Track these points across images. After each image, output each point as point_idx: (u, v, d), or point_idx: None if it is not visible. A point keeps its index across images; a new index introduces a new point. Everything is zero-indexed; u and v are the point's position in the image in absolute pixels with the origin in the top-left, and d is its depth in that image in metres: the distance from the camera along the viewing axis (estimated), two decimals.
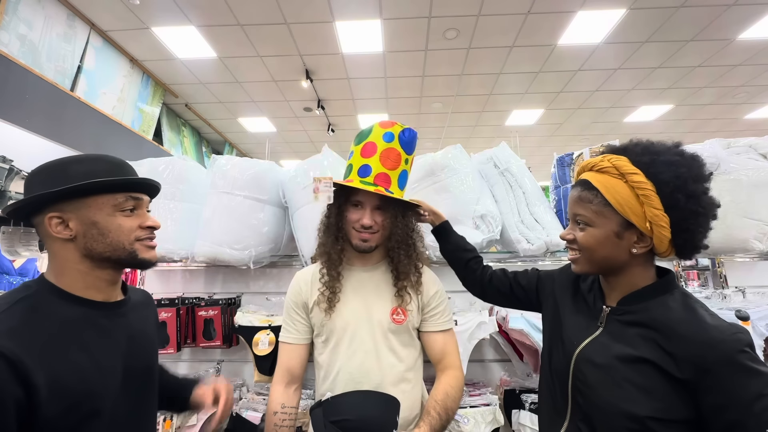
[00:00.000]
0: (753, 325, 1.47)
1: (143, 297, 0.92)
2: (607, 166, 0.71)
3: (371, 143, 1.01)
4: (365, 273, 1.10)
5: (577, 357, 0.75)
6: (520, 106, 5.95)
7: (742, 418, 0.60)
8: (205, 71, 4.86)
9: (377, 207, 1.03)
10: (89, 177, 0.70)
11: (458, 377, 1.04)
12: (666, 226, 0.68)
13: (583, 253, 0.75)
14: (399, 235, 1.04)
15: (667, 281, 0.74)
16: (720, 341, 0.62)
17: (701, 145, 1.64)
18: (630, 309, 0.73)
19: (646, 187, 0.67)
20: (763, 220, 1.51)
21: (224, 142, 7.16)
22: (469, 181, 1.60)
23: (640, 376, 0.67)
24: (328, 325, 1.04)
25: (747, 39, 4.27)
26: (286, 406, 1.03)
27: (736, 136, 2.07)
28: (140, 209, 0.78)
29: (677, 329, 0.66)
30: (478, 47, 4.40)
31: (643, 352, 0.67)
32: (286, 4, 3.67)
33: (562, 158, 1.83)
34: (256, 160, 1.74)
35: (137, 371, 0.79)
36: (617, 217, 0.70)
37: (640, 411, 0.65)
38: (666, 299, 0.71)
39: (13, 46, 3.21)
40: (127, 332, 0.78)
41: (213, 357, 1.79)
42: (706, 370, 0.62)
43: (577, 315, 0.81)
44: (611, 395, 0.68)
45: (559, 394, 0.78)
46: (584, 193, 0.73)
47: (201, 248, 1.58)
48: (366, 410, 0.90)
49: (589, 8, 3.78)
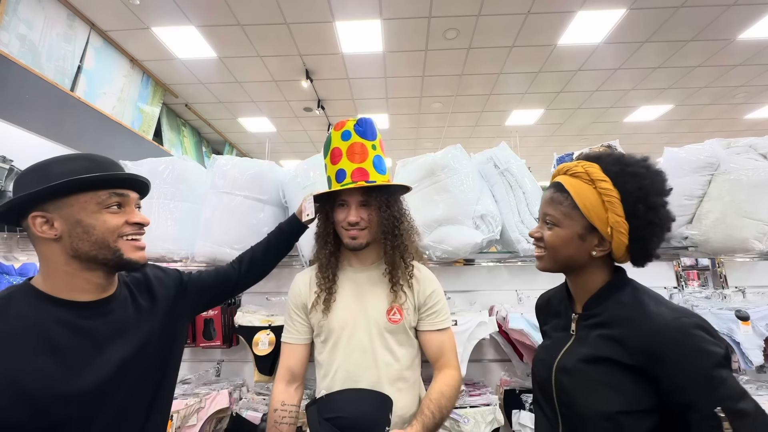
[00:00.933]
0: (753, 325, 1.48)
1: (141, 275, 0.88)
2: (580, 171, 0.77)
3: (335, 149, 1.04)
4: (361, 273, 1.11)
5: (556, 368, 0.79)
6: (520, 106, 5.95)
7: (694, 398, 0.63)
8: (205, 71, 4.86)
9: (362, 203, 1.04)
10: (69, 176, 0.70)
11: (455, 377, 1.04)
12: (625, 233, 0.73)
13: (548, 252, 0.80)
14: (385, 225, 1.04)
15: (618, 279, 0.79)
16: (663, 327, 0.66)
17: (701, 145, 1.64)
18: (593, 313, 0.78)
19: (612, 195, 0.72)
20: (763, 220, 1.51)
21: (224, 142, 7.16)
22: (469, 181, 1.60)
23: (603, 375, 0.71)
24: (326, 326, 1.06)
25: (747, 39, 4.27)
26: (287, 403, 1.05)
27: (735, 136, 2.07)
28: (127, 206, 0.76)
29: (627, 323, 0.71)
30: (478, 47, 4.40)
31: (603, 352, 0.72)
32: (286, 4, 3.67)
33: (562, 158, 1.83)
34: (256, 160, 1.74)
35: (136, 362, 0.76)
36: (583, 220, 0.75)
37: (610, 408, 0.68)
38: (619, 296, 0.76)
39: (13, 46, 3.21)
40: (116, 327, 0.75)
41: (213, 357, 1.79)
42: (656, 357, 0.66)
43: (557, 331, 0.86)
44: (584, 398, 0.72)
45: (548, 408, 0.81)
46: (556, 195, 0.79)
47: (201, 248, 1.59)
48: (359, 408, 0.91)
49: (588, 8, 3.78)
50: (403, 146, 7.39)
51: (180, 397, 1.41)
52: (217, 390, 1.51)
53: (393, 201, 1.06)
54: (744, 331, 1.47)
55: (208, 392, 1.48)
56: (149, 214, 1.64)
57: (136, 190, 0.79)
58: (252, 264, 1.11)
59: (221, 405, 1.48)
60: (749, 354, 1.45)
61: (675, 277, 1.77)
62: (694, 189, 1.60)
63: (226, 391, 1.51)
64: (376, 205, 1.04)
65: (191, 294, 0.95)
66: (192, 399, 1.40)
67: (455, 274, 1.79)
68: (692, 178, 1.60)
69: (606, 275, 0.79)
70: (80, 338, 0.70)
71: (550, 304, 0.93)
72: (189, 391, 1.49)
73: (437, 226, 1.56)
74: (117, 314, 0.77)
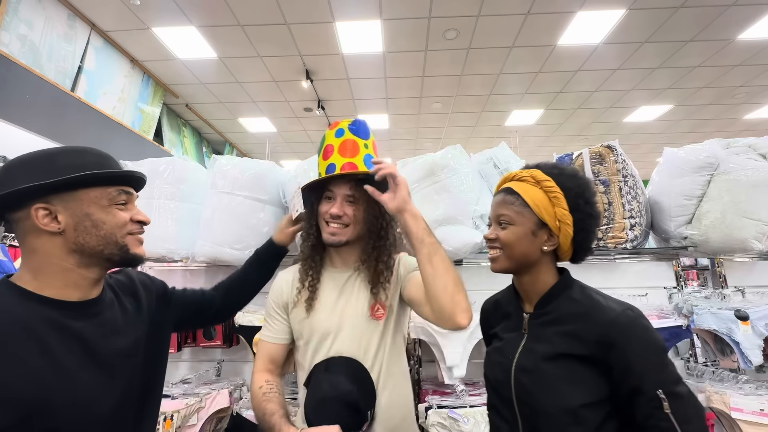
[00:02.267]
0: (752, 324, 1.48)
1: (126, 280, 0.85)
2: (526, 175, 0.86)
3: (328, 146, 1.03)
4: (343, 274, 1.06)
5: (515, 369, 0.81)
6: (519, 106, 5.95)
7: (640, 382, 0.70)
8: (206, 71, 4.86)
9: (348, 198, 1.01)
10: (80, 169, 0.68)
11: None
12: (570, 225, 0.81)
13: (504, 251, 0.85)
14: (370, 222, 1.01)
15: (567, 278, 0.86)
16: (616, 318, 0.74)
17: (701, 145, 1.64)
18: (545, 311, 0.83)
19: (557, 191, 0.82)
20: (763, 220, 1.51)
21: (224, 143, 7.16)
22: (468, 181, 1.60)
23: (563, 371, 0.75)
24: (308, 327, 1.02)
25: (746, 39, 4.27)
26: (271, 381, 1.01)
27: (735, 136, 2.08)
28: (130, 203, 0.77)
29: (582, 318, 0.77)
30: (478, 47, 4.40)
31: (561, 348, 0.76)
32: (286, 5, 3.67)
33: (562, 158, 1.83)
34: (257, 161, 1.74)
35: (126, 367, 0.73)
36: (534, 216, 0.82)
37: (573, 402, 0.73)
38: (569, 294, 0.83)
39: (14, 47, 3.22)
40: (106, 329, 0.72)
41: (213, 357, 1.79)
42: (611, 346, 0.72)
43: (508, 332, 0.89)
44: (547, 396, 0.75)
45: (506, 410, 0.83)
46: (507, 197, 0.86)
47: (201, 248, 1.59)
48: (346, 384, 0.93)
49: (588, 8, 3.78)
50: (403, 146, 7.40)
51: (180, 397, 1.41)
52: (217, 390, 1.51)
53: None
54: (743, 331, 1.48)
55: (209, 392, 1.48)
56: (150, 213, 1.63)
57: (136, 188, 0.80)
58: (228, 294, 1.07)
59: (221, 404, 1.48)
60: (748, 354, 1.45)
61: (674, 277, 1.77)
62: (694, 189, 1.60)
63: (226, 390, 1.51)
64: (364, 202, 1.00)
65: (174, 306, 0.93)
66: (192, 398, 1.41)
67: None
68: (692, 178, 1.61)
69: (554, 275, 0.86)
70: (72, 341, 0.66)
71: (498, 306, 0.96)
72: (189, 391, 1.49)
73: (437, 226, 1.56)
74: (106, 316, 0.74)
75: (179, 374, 1.78)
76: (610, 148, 1.70)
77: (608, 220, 1.65)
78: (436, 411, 1.40)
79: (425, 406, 1.43)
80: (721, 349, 1.62)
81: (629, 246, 1.63)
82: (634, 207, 1.63)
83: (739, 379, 1.48)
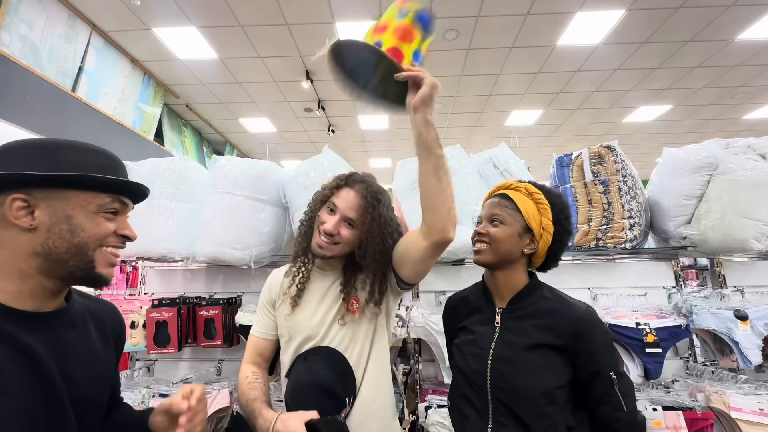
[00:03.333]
0: (752, 324, 1.48)
1: (97, 308, 0.77)
2: (520, 186, 0.99)
3: (384, 23, 0.90)
4: (330, 278, 1.06)
5: (492, 359, 0.90)
6: (519, 106, 5.95)
7: (598, 366, 0.86)
8: (206, 72, 4.86)
9: (348, 221, 0.98)
10: (81, 168, 0.62)
11: None
12: (551, 234, 0.94)
13: (492, 245, 0.95)
14: (365, 244, 0.98)
15: (537, 281, 0.99)
16: (583, 314, 0.89)
17: (700, 146, 1.64)
18: (518, 306, 0.94)
19: (545, 203, 0.95)
20: (762, 220, 1.51)
21: (225, 143, 7.17)
22: (468, 181, 1.61)
23: (541, 358, 0.87)
24: (290, 325, 1.03)
25: (746, 39, 4.28)
26: (256, 372, 1.04)
27: (734, 136, 2.08)
28: (122, 215, 0.70)
29: (555, 313, 0.90)
30: (477, 48, 4.40)
31: (539, 339, 0.88)
32: (286, 5, 3.68)
33: (561, 158, 1.84)
34: (257, 161, 1.74)
35: (76, 402, 0.63)
36: (522, 221, 0.95)
37: (549, 385, 0.86)
38: (541, 293, 0.96)
39: (15, 47, 3.22)
40: (58, 351, 0.63)
41: (214, 356, 1.79)
42: (579, 336, 0.87)
43: (479, 325, 0.98)
44: (527, 381, 0.86)
45: (477, 398, 0.91)
46: (503, 200, 0.98)
47: (202, 248, 1.59)
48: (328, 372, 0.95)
49: (588, 9, 3.79)
50: (403, 146, 7.40)
51: None
52: (217, 389, 1.51)
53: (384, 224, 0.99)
54: (743, 331, 1.48)
55: (209, 391, 1.49)
56: (150, 214, 1.65)
57: (136, 200, 0.73)
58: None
59: (222, 404, 1.48)
60: (748, 353, 1.45)
61: (674, 277, 1.78)
62: (693, 189, 1.61)
63: (226, 390, 1.51)
64: (362, 228, 0.98)
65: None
66: None
67: (455, 274, 1.80)
68: (691, 178, 1.61)
69: (526, 276, 0.98)
70: (18, 355, 0.58)
71: (467, 302, 1.05)
72: None
73: None
74: (59, 334, 0.64)
75: (180, 374, 1.79)
76: (609, 149, 1.70)
77: (607, 220, 1.66)
78: (436, 411, 1.40)
79: (425, 406, 1.43)
80: (720, 349, 1.62)
81: (628, 246, 1.63)
82: (634, 207, 1.64)
83: (738, 379, 1.48)
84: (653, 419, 1.31)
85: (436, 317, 1.59)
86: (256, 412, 0.90)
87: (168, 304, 1.65)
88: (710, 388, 1.41)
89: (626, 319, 1.50)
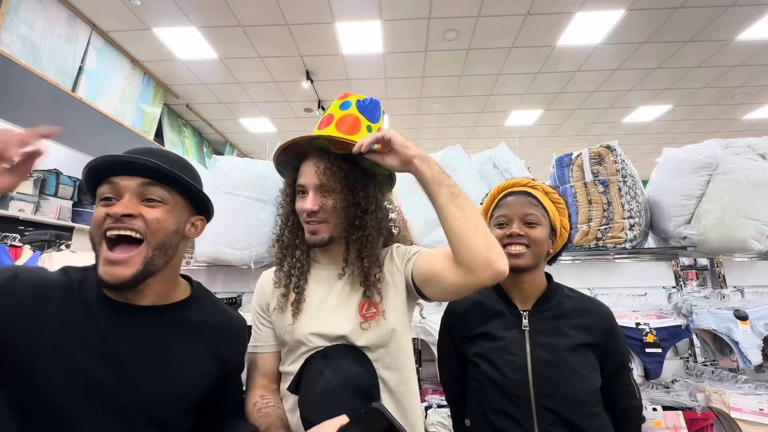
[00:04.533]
0: (751, 324, 1.48)
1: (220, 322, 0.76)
2: (537, 185, 0.95)
3: (328, 115, 0.88)
4: (328, 271, 0.90)
5: (532, 364, 0.84)
6: (519, 106, 5.95)
7: (623, 359, 0.89)
8: (206, 72, 4.86)
9: (320, 187, 0.84)
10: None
11: None
12: (567, 233, 0.94)
13: (532, 247, 0.89)
14: (348, 215, 0.85)
15: (555, 282, 0.96)
16: (609, 311, 0.92)
17: (700, 146, 1.64)
18: (546, 308, 0.90)
19: (563, 203, 0.94)
20: (762, 220, 1.51)
21: (225, 143, 7.17)
22: (468, 181, 1.61)
23: (584, 358, 0.85)
24: (293, 336, 0.84)
25: (746, 39, 4.28)
26: (265, 395, 0.85)
27: (734, 136, 2.08)
28: (124, 196, 0.63)
29: (588, 311, 0.90)
30: (477, 48, 4.40)
31: (579, 339, 0.86)
32: (286, 5, 3.68)
33: (561, 159, 1.84)
34: (257, 161, 1.75)
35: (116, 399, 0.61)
36: (549, 221, 0.92)
37: (596, 384, 0.84)
38: (564, 292, 0.93)
39: (15, 47, 3.22)
40: (159, 348, 0.67)
41: None
42: (610, 332, 0.88)
43: (504, 330, 0.89)
44: (576, 384, 0.82)
45: (520, 412, 0.81)
46: (531, 199, 0.92)
47: (202, 248, 1.59)
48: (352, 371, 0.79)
49: (588, 9, 3.79)
50: None
51: None
52: None
53: (361, 186, 0.86)
54: (742, 331, 1.48)
55: None
56: None
57: (136, 174, 0.64)
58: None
59: None
60: (748, 353, 1.45)
61: (674, 277, 1.78)
62: (693, 189, 1.61)
63: None
64: (339, 191, 0.84)
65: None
66: None
67: None
68: (691, 178, 1.61)
69: (543, 274, 0.95)
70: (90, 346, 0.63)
71: (481, 306, 0.94)
72: None
73: (437, 226, 1.56)
74: (136, 328, 0.67)
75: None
76: (609, 149, 1.70)
77: (607, 220, 1.66)
78: (436, 410, 1.40)
79: (425, 406, 1.43)
80: (720, 349, 1.62)
81: (628, 246, 1.63)
82: (634, 207, 1.64)
83: (738, 379, 1.48)
84: (653, 419, 1.31)
85: (436, 317, 1.59)
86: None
87: None
88: (710, 388, 1.42)
89: (626, 319, 1.50)
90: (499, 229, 0.92)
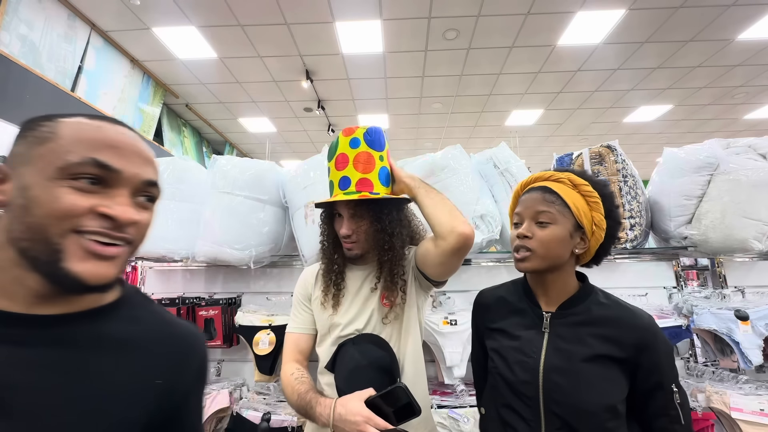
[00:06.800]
0: (752, 324, 1.48)
1: (154, 337, 0.53)
2: (563, 177, 0.85)
3: (342, 155, 1.03)
4: (364, 270, 1.11)
5: (544, 369, 0.81)
6: (519, 106, 5.95)
7: (660, 379, 0.79)
8: (206, 72, 4.86)
9: (353, 215, 1.03)
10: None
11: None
12: (604, 230, 0.83)
13: (538, 250, 0.82)
14: (376, 239, 1.03)
15: (589, 284, 0.88)
16: (647, 324, 0.80)
17: (700, 145, 1.64)
18: (571, 312, 0.84)
19: (596, 196, 0.83)
20: (762, 220, 1.51)
21: (225, 143, 7.16)
22: (468, 181, 1.60)
23: (604, 370, 0.78)
24: (333, 323, 1.06)
25: (746, 39, 4.27)
26: (300, 368, 1.05)
27: (735, 136, 2.08)
28: (113, 188, 0.46)
29: (618, 321, 0.81)
30: (477, 48, 4.40)
31: (599, 350, 0.79)
32: (286, 5, 3.67)
33: (562, 158, 1.83)
34: (257, 161, 1.74)
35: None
36: (572, 218, 0.82)
37: (613, 399, 0.78)
38: (596, 298, 0.85)
39: (14, 47, 3.22)
40: (62, 378, 0.44)
41: (213, 357, 1.79)
42: (644, 348, 0.78)
43: (523, 330, 0.87)
44: (589, 395, 0.77)
45: (529, 412, 0.81)
46: (547, 195, 0.84)
47: (202, 248, 1.59)
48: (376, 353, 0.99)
49: (588, 9, 3.78)
50: (403, 146, 7.39)
51: None
52: (217, 389, 1.51)
53: (386, 213, 1.03)
54: (743, 331, 1.48)
55: (209, 392, 1.49)
56: None
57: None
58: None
59: (221, 404, 1.48)
60: (748, 354, 1.45)
61: (674, 277, 1.77)
62: (694, 189, 1.60)
63: (226, 390, 1.51)
64: (368, 218, 1.02)
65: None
66: None
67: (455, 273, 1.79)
68: (691, 178, 1.61)
69: (574, 276, 0.88)
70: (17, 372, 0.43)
71: (504, 301, 0.94)
72: None
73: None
74: (75, 352, 0.46)
75: None
76: (609, 148, 1.70)
77: None
78: (436, 411, 1.40)
79: None
80: (721, 349, 1.62)
81: (629, 246, 1.63)
82: (634, 207, 1.63)
83: (739, 379, 1.48)
84: None
85: (436, 317, 1.58)
86: (313, 402, 0.92)
87: (167, 304, 1.64)
88: (711, 388, 1.41)
89: None
90: (515, 228, 0.87)
